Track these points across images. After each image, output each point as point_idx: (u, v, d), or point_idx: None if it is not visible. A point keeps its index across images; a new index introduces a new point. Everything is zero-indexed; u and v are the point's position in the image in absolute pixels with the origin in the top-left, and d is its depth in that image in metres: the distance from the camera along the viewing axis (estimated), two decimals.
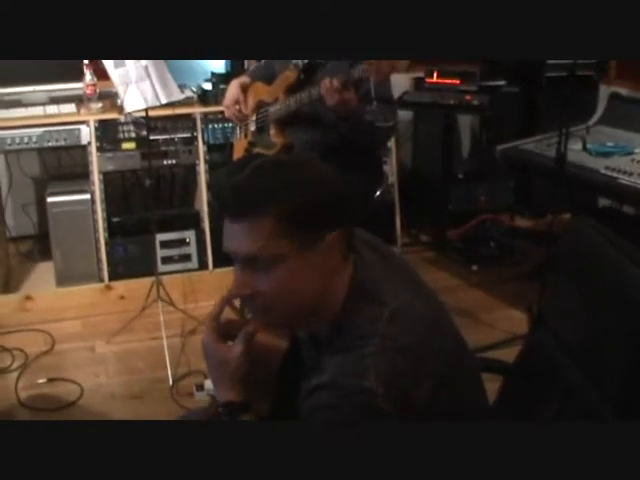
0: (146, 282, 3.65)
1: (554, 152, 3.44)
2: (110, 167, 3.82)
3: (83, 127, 3.75)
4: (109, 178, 3.90)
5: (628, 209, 4.13)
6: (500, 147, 3.83)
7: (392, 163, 4.24)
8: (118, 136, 3.82)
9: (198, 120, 3.89)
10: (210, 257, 4.00)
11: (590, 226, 1.76)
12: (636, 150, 3.54)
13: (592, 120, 4.04)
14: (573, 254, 1.80)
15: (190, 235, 3.99)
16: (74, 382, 3.26)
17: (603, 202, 4.45)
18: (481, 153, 4.76)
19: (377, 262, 1.52)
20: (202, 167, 3.91)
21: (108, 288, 3.90)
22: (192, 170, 3.99)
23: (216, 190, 3.11)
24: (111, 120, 3.79)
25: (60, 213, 3.80)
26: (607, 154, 3.53)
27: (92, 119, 3.76)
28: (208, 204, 3.92)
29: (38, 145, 3.76)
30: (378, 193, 3.14)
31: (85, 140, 3.77)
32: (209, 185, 3.89)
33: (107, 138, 3.80)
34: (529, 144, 3.84)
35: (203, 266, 4.00)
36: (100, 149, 3.78)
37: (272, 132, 3.01)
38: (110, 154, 3.81)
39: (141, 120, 3.70)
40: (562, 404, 1.65)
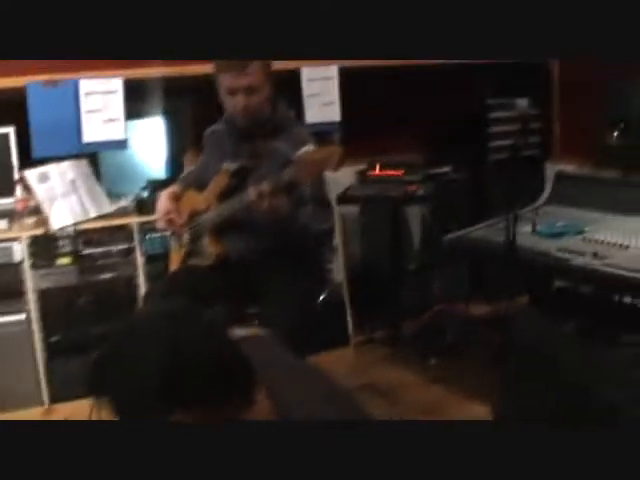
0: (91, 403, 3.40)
1: (503, 238, 3.36)
2: (45, 284, 3.64)
3: (15, 244, 3.58)
4: (45, 295, 3.70)
5: (585, 288, 4.04)
6: (447, 237, 3.74)
7: (339, 261, 4.13)
8: (52, 252, 3.65)
9: (135, 230, 3.76)
10: None
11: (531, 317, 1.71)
12: (587, 228, 3.47)
13: (540, 200, 4.00)
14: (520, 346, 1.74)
15: None
16: None
17: (559, 281, 4.36)
18: (432, 242, 4.68)
19: None
20: (141, 279, 3.75)
21: (49, 411, 3.70)
22: (131, 282, 3.82)
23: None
24: (44, 235, 3.61)
25: None
26: (558, 235, 3.46)
27: (24, 235, 3.60)
28: None
29: None
30: (322, 297, 2.99)
31: (18, 257, 3.60)
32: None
33: (41, 254, 3.63)
34: (477, 231, 3.76)
35: None
36: (34, 266, 3.61)
37: (207, 241, 2.88)
38: (45, 271, 3.63)
39: (75, 234, 3.56)
40: None
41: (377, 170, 4.38)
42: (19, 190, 3.67)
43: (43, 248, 3.63)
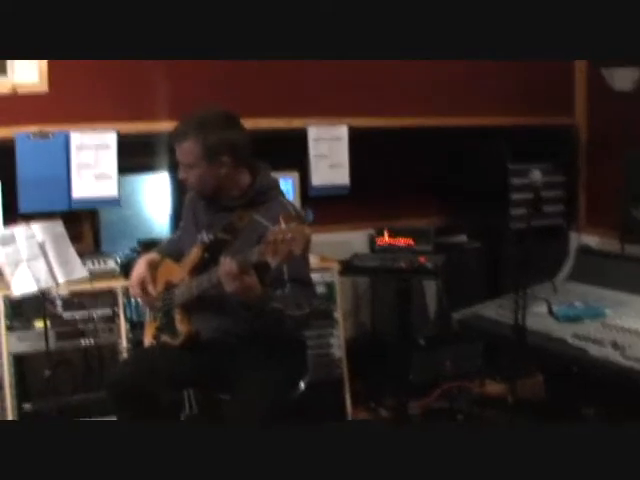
0: None
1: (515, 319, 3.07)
2: (21, 348, 3.40)
3: None
4: (20, 360, 3.46)
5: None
6: (456, 314, 3.47)
7: (340, 336, 3.86)
8: (29, 314, 3.41)
9: (120, 295, 3.51)
10: None
11: None
12: (607, 311, 3.18)
13: (560, 275, 3.72)
14: None
15: None
16: None
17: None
18: (444, 315, 4.38)
19: None
20: (124, 346, 3.50)
21: None
22: (113, 350, 3.56)
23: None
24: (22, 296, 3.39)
25: None
26: (575, 319, 3.16)
27: (1, 294, 3.38)
28: None
29: None
30: (302, 384, 2.71)
31: None
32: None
33: (17, 316, 3.40)
34: (488, 309, 3.47)
35: None
36: (9, 328, 3.38)
37: (177, 318, 2.63)
38: (21, 334, 3.40)
39: (54, 296, 3.35)
40: None
41: (386, 237, 4.12)
42: None
43: (20, 309, 3.40)
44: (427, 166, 4.43)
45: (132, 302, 3.52)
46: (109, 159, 3.70)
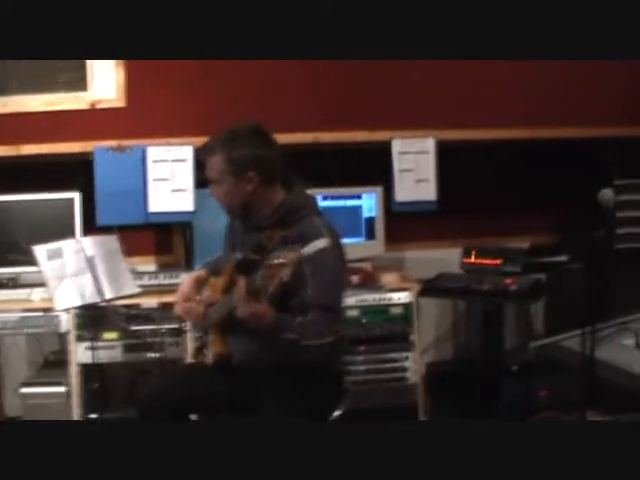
0: None
1: (602, 351, 2.81)
2: (89, 359, 3.46)
3: (63, 314, 3.43)
4: (88, 370, 3.53)
5: None
6: (534, 344, 3.21)
7: (416, 359, 3.66)
8: (100, 325, 3.47)
9: None
10: None
11: None
12: None
13: None
14: None
15: None
16: None
17: None
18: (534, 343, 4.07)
19: None
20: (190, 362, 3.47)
21: None
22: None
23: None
24: (93, 307, 3.45)
25: (33, 405, 3.48)
26: None
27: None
28: None
29: (17, 331, 3.48)
30: (338, 413, 2.54)
31: (64, 328, 3.45)
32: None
33: (88, 327, 3.46)
34: (572, 339, 3.18)
35: None
36: (79, 338, 3.45)
37: (211, 338, 2.55)
38: (90, 344, 3.45)
39: (122, 309, 3.38)
40: None
41: (473, 258, 3.87)
42: None
43: (90, 320, 3.45)
44: (521, 181, 4.16)
45: None
46: (185, 173, 3.71)
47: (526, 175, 4.15)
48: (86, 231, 3.62)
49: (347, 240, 3.83)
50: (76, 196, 3.68)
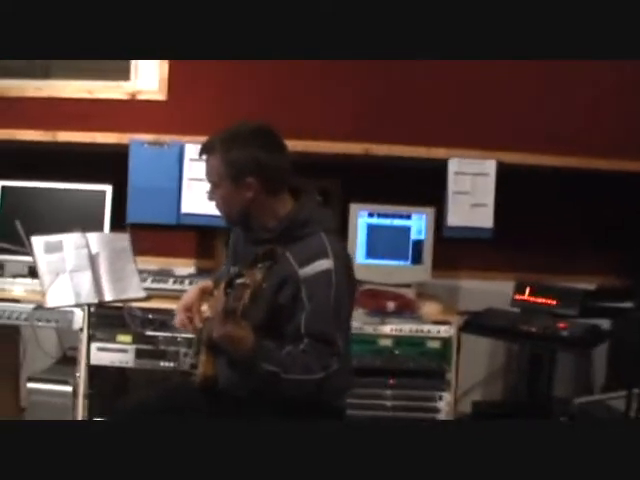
0: None
1: None
2: (99, 360, 3.28)
3: (77, 310, 3.26)
4: (97, 372, 3.34)
5: None
6: (579, 400, 2.84)
7: (450, 402, 3.33)
8: (114, 326, 3.30)
9: None
10: None
11: None
12: None
13: None
14: None
15: None
16: None
17: None
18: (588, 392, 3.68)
19: None
20: None
21: None
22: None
23: None
24: (110, 307, 3.28)
25: (37, 402, 3.35)
26: None
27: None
28: None
29: (28, 323, 3.31)
30: None
31: (77, 325, 3.28)
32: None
33: (102, 326, 3.29)
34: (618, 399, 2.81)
35: None
36: (92, 338, 3.27)
37: (201, 357, 2.32)
38: (102, 345, 3.29)
39: (137, 312, 3.20)
40: None
41: (526, 294, 3.52)
42: None
43: (105, 320, 3.29)
44: (588, 215, 3.78)
45: None
46: None
47: (594, 208, 3.77)
48: (114, 227, 3.47)
49: (391, 262, 3.64)
50: (108, 189, 3.53)
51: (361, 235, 3.60)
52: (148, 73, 3.58)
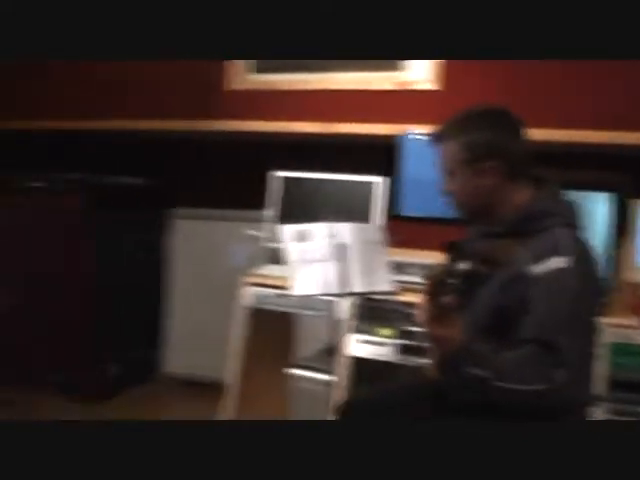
0: None
1: None
2: (360, 352, 3.26)
3: (342, 301, 3.26)
4: (357, 364, 3.32)
5: None
6: None
7: None
8: (377, 318, 3.25)
9: None
10: None
11: None
12: None
13: None
14: None
15: None
16: None
17: None
18: None
19: None
20: None
21: None
22: None
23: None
24: (375, 299, 3.25)
25: (298, 388, 3.46)
26: None
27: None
28: None
29: (293, 311, 3.43)
30: None
31: (340, 314, 3.29)
32: None
33: (365, 318, 3.27)
34: None
35: None
36: (355, 329, 3.27)
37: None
38: (363, 337, 3.26)
39: (400, 306, 3.15)
40: None
41: None
42: None
43: (368, 312, 3.26)
44: None
45: None
46: None
47: None
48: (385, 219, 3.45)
49: None
50: (379, 181, 3.50)
51: None
52: (420, 63, 3.49)
